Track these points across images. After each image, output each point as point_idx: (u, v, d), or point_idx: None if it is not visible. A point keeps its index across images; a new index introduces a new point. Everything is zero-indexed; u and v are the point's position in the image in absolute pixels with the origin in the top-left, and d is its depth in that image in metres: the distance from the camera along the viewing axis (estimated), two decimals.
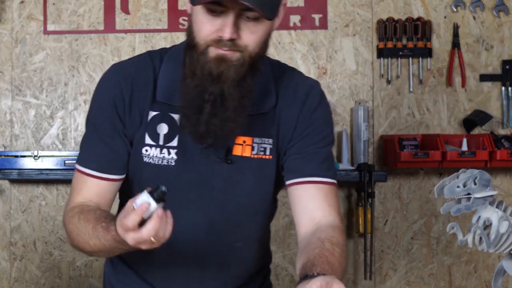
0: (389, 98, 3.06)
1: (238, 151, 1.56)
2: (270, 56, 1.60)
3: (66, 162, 2.88)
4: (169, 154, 1.54)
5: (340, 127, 3.05)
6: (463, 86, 3.06)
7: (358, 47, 3.06)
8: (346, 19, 3.07)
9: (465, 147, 2.89)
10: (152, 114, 1.55)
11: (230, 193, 1.57)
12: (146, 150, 1.55)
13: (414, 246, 3.06)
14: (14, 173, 2.87)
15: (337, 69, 3.06)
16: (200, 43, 1.44)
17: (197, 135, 1.50)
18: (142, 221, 1.26)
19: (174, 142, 1.54)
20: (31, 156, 2.89)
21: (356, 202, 3.00)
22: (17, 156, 2.90)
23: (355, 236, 3.05)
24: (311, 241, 1.48)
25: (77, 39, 3.07)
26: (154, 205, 1.26)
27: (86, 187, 1.54)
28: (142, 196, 1.27)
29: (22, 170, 2.87)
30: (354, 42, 3.07)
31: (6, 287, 3.03)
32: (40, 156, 2.89)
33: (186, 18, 2.45)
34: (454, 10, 3.06)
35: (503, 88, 3.07)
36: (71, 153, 2.92)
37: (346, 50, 3.07)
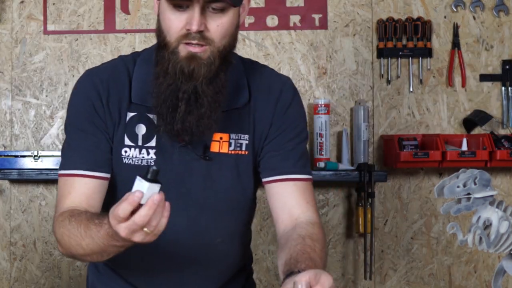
0: (389, 98, 3.06)
1: (215, 148, 1.58)
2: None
3: None
4: (148, 154, 1.57)
5: (340, 127, 3.05)
6: (463, 86, 3.06)
7: (358, 47, 3.06)
8: (346, 19, 3.07)
9: (465, 147, 2.88)
10: (130, 115, 1.57)
11: (209, 190, 1.59)
12: (126, 151, 1.57)
13: (414, 246, 3.06)
14: (14, 173, 2.87)
15: (337, 69, 3.06)
16: (170, 41, 1.47)
17: (173, 133, 1.52)
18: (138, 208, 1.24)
19: (153, 142, 1.57)
20: (31, 156, 2.89)
21: (356, 202, 3.00)
22: (17, 156, 2.90)
23: (355, 236, 3.04)
24: (292, 237, 1.51)
25: (77, 39, 3.07)
26: (146, 185, 1.23)
27: (74, 190, 1.54)
28: (135, 182, 1.25)
29: (22, 170, 2.87)
30: (354, 42, 3.06)
31: (6, 287, 3.03)
32: (40, 156, 2.89)
33: None
34: (454, 10, 3.06)
35: (503, 88, 3.06)
36: None
37: (346, 50, 3.06)
